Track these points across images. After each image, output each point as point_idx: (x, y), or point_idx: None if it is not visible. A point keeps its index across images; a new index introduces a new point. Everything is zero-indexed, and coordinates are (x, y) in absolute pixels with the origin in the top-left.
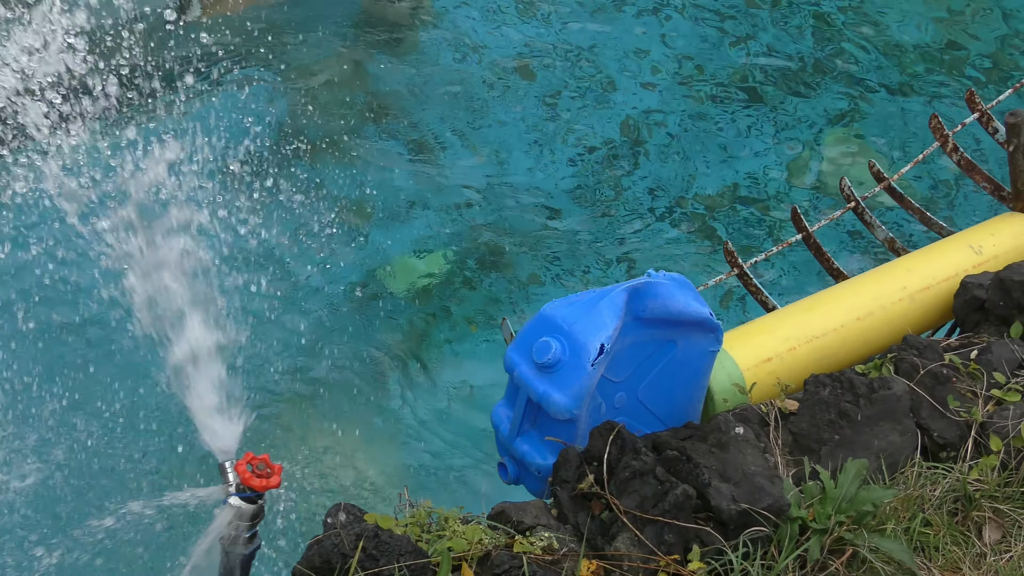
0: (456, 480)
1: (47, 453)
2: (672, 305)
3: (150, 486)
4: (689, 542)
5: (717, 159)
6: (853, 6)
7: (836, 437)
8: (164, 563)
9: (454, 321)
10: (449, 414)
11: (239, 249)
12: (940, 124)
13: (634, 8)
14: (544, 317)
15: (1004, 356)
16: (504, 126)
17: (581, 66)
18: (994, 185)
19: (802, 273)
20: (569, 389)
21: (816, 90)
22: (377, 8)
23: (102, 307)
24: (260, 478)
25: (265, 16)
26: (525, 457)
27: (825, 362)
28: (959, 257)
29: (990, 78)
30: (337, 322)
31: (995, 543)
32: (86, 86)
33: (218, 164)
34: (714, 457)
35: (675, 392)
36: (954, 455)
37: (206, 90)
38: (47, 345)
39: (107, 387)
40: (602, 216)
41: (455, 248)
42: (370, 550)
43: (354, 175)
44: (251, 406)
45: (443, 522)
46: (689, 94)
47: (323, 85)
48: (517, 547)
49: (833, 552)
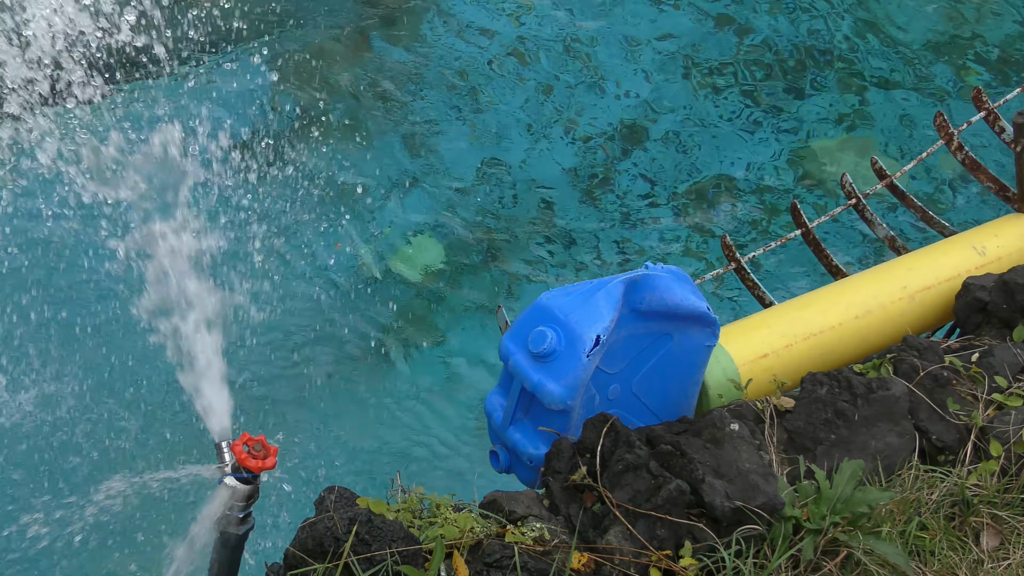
0: (448, 467)
1: (42, 426)
2: (669, 298)
3: (145, 463)
4: (681, 538)
5: (716, 152)
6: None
7: (832, 437)
8: (158, 541)
9: (449, 308)
10: (442, 401)
11: (234, 231)
12: (945, 122)
13: (636, 0)
14: (540, 307)
15: (1006, 360)
16: (503, 114)
17: (580, 56)
18: (999, 185)
19: (800, 269)
20: (564, 379)
21: (819, 85)
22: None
23: (101, 285)
24: (256, 459)
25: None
26: (517, 446)
27: (822, 360)
28: (961, 257)
29: (997, 76)
30: (331, 306)
31: (993, 550)
32: (84, 67)
33: (213, 144)
34: (708, 453)
35: (670, 386)
36: (952, 459)
37: (204, 71)
38: (46, 320)
39: (99, 363)
40: (600, 207)
41: (451, 235)
42: (363, 535)
43: (351, 160)
44: (245, 387)
45: (435, 509)
46: (689, 87)
47: (321, 69)
48: (509, 537)
49: (827, 553)
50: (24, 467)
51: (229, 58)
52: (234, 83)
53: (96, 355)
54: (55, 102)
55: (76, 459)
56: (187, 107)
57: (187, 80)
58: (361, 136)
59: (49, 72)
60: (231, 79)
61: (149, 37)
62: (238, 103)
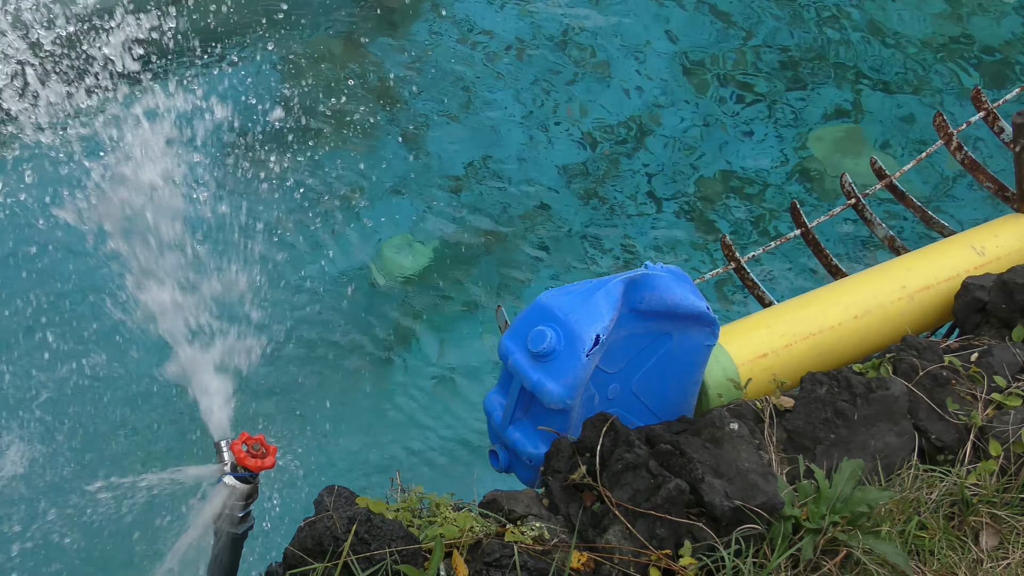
0: (447, 466)
1: (42, 427)
2: (669, 298)
3: (144, 462)
4: (681, 537)
5: (717, 152)
6: (861, 1)
7: (832, 436)
8: (157, 539)
9: (448, 307)
10: (441, 400)
11: (231, 231)
12: (944, 122)
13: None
14: (540, 306)
15: (1005, 359)
16: (503, 113)
17: (581, 55)
18: (998, 185)
19: (800, 269)
20: (563, 379)
21: (819, 85)
22: None
23: (98, 288)
24: (255, 458)
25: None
26: (517, 445)
27: (821, 360)
28: (961, 257)
29: (996, 76)
30: (329, 306)
31: (992, 549)
32: (78, 66)
33: (209, 144)
34: (708, 452)
35: (669, 385)
36: (952, 458)
37: (200, 71)
38: (46, 322)
39: (99, 362)
40: (600, 206)
41: (451, 234)
42: (362, 534)
43: (347, 159)
44: (245, 389)
45: (434, 508)
46: (690, 86)
47: (318, 68)
48: (508, 536)
49: (826, 552)
50: (17, 471)
51: (224, 58)
52: (225, 83)
53: (95, 354)
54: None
55: (74, 459)
56: (180, 108)
57: (181, 80)
58: (358, 137)
59: (39, 75)
60: (222, 79)
61: (146, 37)
62: (234, 103)
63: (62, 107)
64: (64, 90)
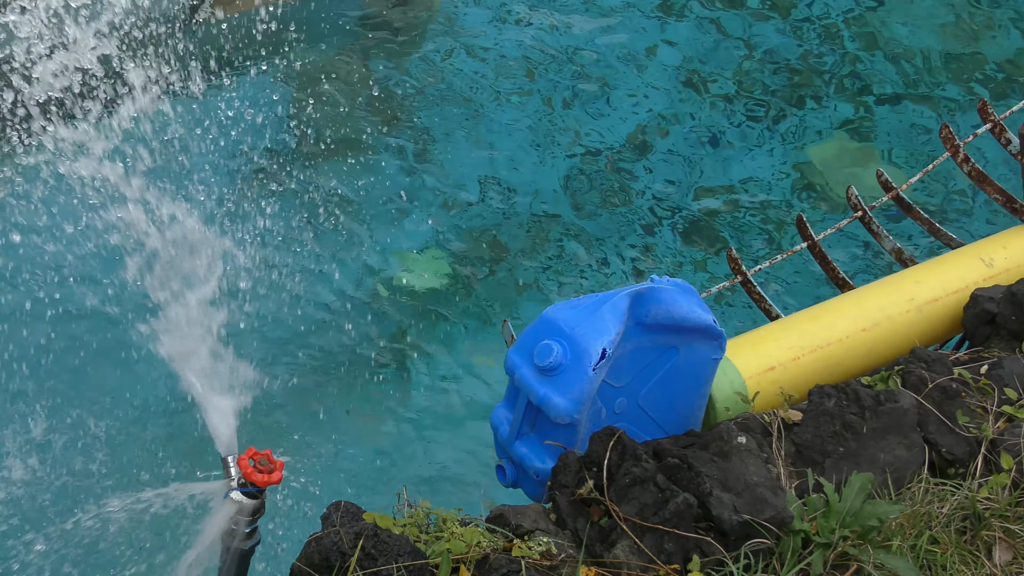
0: (454, 481)
1: (46, 442)
2: (675, 311)
3: (151, 478)
4: (689, 552)
5: (722, 165)
6: (862, 14)
7: (841, 449)
8: (164, 556)
9: (453, 321)
10: (448, 415)
11: (238, 245)
12: (951, 134)
13: (640, 13)
14: (546, 320)
15: (1016, 372)
16: (509, 128)
17: (586, 69)
18: (1006, 197)
19: (807, 282)
20: (570, 393)
21: (824, 97)
22: (385, 8)
23: (104, 299)
24: (262, 473)
25: (270, 15)
26: (524, 460)
27: (829, 373)
28: (969, 269)
29: (1004, 88)
30: (335, 321)
31: (1006, 564)
32: (90, 85)
33: (219, 160)
34: (716, 466)
35: (676, 399)
36: (963, 472)
37: (210, 88)
38: (49, 334)
39: (106, 376)
40: (605, 220)
41: (457, 249)
42: (369, 549)
43: (356, 174)
44: (250, 403)
45: (441, 523)
46: (694, 99)
47: (326, 84)
48: (515, 551)
49: (836, 567)
50: (22, 485)
51: (232, 77)
52: (234, 100)
53: (99, 370)
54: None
55: (78, 476)
56: (189, 126)
57: (190, 98)
58: (365, 151)
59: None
60: (231, 97)
61: (151, 57)
62: (239, 120)
63: (68, 123)
64: (71, 108)
